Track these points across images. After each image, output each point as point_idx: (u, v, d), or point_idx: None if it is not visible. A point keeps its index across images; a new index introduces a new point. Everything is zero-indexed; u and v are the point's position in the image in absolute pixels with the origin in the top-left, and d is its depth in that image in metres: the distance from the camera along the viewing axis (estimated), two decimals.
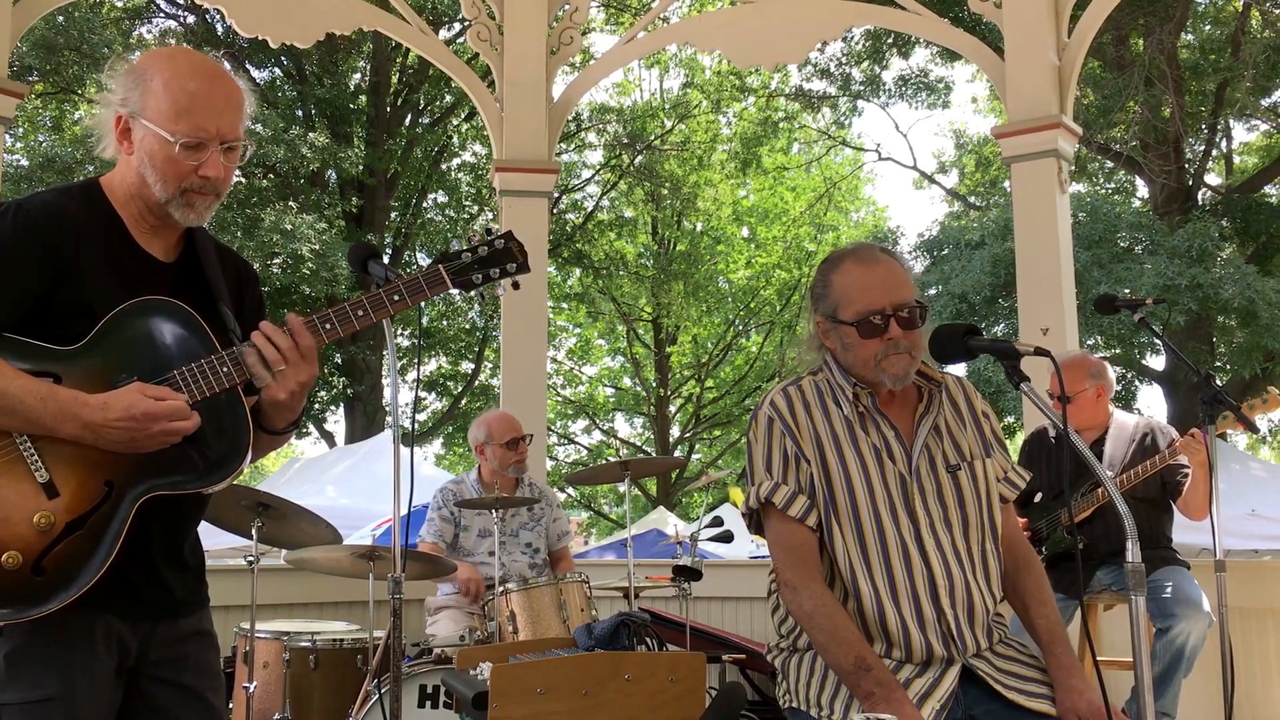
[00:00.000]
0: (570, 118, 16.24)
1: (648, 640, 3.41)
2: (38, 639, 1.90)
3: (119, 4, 17.65)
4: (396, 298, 2.09)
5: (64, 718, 1.91)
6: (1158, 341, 8.31)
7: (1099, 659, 3.45)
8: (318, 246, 14.63)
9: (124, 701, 2.04)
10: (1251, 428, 3.86)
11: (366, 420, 17.24)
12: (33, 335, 1.92)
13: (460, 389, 21.61)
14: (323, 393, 17.93)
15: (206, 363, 1.97)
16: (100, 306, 1.95)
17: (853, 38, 17.46)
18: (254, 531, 4.22)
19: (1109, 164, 17.83)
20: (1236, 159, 19.36)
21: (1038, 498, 4.50)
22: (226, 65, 2.09)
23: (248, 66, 16.90)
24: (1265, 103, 16.72)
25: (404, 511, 2.75)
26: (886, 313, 2.37)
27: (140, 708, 2.05)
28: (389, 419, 14.48)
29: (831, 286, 2.45)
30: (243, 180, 15.89)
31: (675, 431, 24.90)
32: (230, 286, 2.18)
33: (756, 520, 2.50)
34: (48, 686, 1.90)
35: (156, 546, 2.03)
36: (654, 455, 22.47)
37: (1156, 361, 15.91)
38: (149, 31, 18.16)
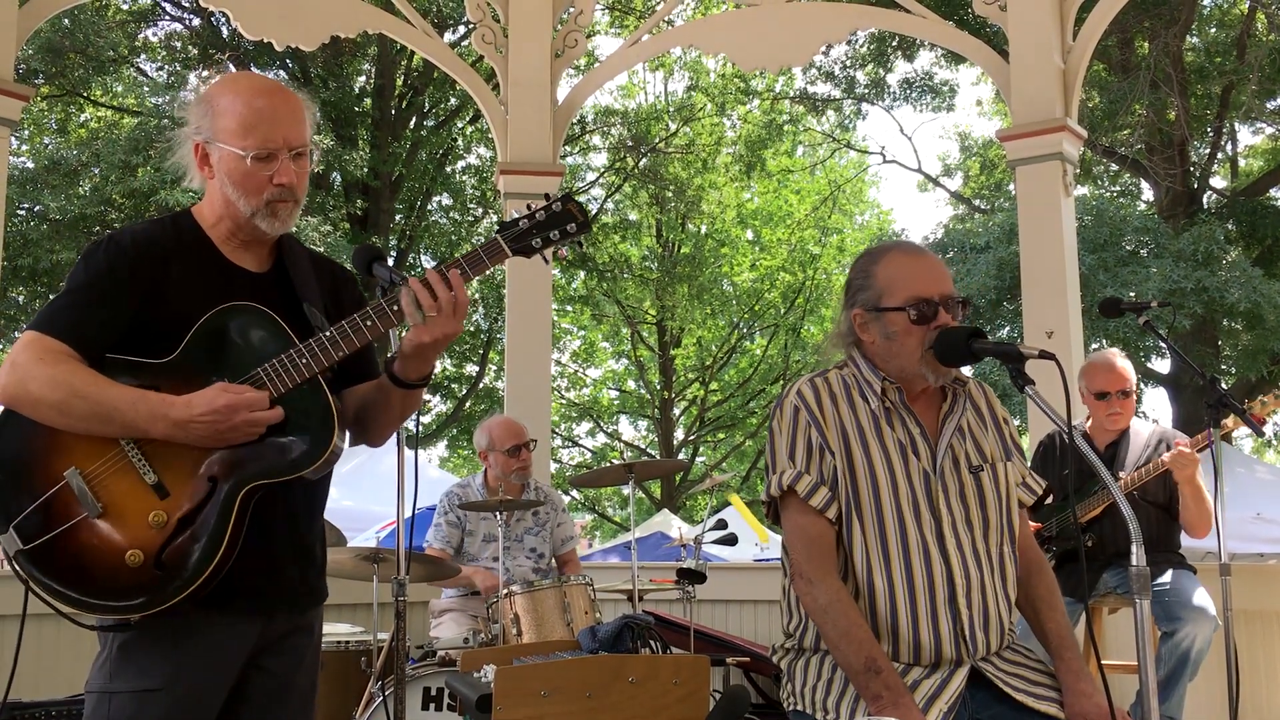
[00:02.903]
0: (575, 120, 16.27)
1: (651, 643, 3.41)
2: (151, 632, 2.02)
3: (124, 7, 17.69)
4: (458, 273, 2.15)
5: (168, 708, 2.02)
6: (1163, 345, 8.28)
7: (1104, 662, 3.44)
8: (322, 249, 14.62)
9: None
10: (1257, 431, 3.84)
11: None
12: (137, 354, 2.07)
13: (464, 391, 21.62)
14: None
15: (286, 357, 2.07)
16: (195, 320, 2.09)
17: (857, 40, 17.45)
18: None
19: (1114, 167, 17.81)
20: (1242, 162, 19.34)
21: (1049, 499, 4.48)
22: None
23: (252, 69, 16.92)
24: (1270, 106, 16.69)
25: (408, 514, 2.75)
26: (935, 301, 2.35)
27: (239, 697, 2.14)
28: None
29: (874, 277, 2.41)
30: None
31: (679, 434, 24.90)
32: (325, 289, 2.30)
33: (774, 510, 2.47)
34: (155, 678, 2.02)
35: (280, 540, 2.15)
36: (658, 458, 22.44)
37: (1162, 365, 15.88)
38: (155, 34, 18.21)
